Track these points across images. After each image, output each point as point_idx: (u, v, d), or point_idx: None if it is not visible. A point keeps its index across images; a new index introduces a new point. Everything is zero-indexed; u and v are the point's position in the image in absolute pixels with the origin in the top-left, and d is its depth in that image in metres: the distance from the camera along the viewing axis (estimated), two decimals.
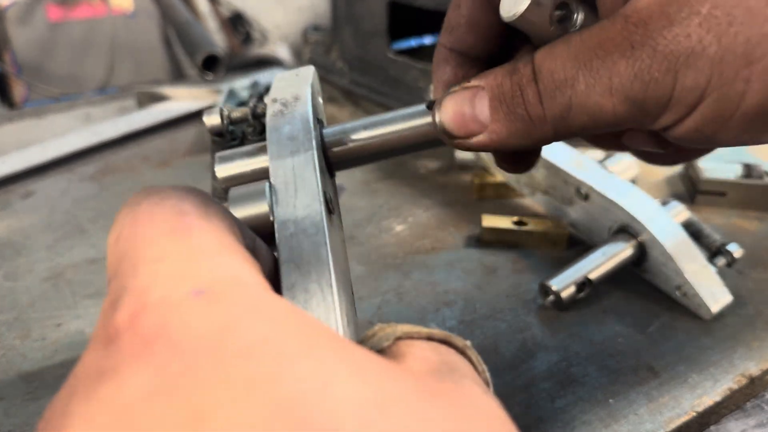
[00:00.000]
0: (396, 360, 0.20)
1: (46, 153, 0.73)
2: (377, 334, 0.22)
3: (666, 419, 0.42)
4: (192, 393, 0.15)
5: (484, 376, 0.23)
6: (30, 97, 1.34)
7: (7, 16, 1.32)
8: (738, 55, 0.20)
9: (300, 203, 0.26)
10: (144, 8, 1.37)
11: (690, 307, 0.51)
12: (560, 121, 0.24)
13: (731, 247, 0.53)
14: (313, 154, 0.28)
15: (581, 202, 0.56)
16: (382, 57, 0.76)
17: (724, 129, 0.22)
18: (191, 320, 0.16)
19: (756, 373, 0.46)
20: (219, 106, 0.35)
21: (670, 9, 0.21)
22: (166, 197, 0.20)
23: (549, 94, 0.24)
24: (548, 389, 0.44)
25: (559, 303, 0.50)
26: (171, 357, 0.15)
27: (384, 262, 0.49)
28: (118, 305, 0.17)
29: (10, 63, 1.34)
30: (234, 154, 0.33)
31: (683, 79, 0.21)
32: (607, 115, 0.23)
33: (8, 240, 0.61)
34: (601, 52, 0.22)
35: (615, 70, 0.22)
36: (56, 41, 1.37)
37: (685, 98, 0.22)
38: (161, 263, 0.18)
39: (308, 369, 0.15)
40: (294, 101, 0.32)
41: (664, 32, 0.21)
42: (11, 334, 0.50)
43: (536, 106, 0.24)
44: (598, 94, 0.23)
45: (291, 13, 1.42)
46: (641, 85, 0.22)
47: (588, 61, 0.23)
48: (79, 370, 0.17)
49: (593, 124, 0.24)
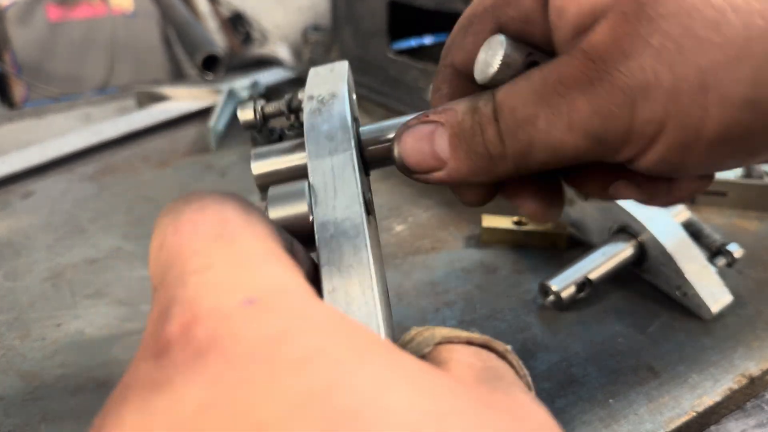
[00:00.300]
0: (441, 367, 0.20)
1: (46, 153, 0.73)
2: (415, 339, 0.22)
3: (666, 419, 0.42)
4: (249, 406, 0.14)
5: (525, 380, 0.22)
6: (30, 97, 1.34)
7: (7, 16, 1.32)
8: (692, 83, 0.20)
9: (339, 204, 0.26)
10: (144, 8, 1.37)
11: (690, 307, 0.51)
12: (521, 158, 0.24)
13: (731, 247, 0.52)
14: (352, 154, 0.28)
15: (581, 202, 0.56)
16: (382, 57, 0.76)
17: (689, 157, 0.22)
18: (244, 331, 0.16)
19: (756, 373, 0.45)
20: (254, 100, 0.35)
21: (624, 43, 0.21)
22: (207, 204, 0.20)
23: (510, 133, 0.24)
24: (548, 389, 0.44)
25: (559, 303, 0.50)
26: (225, 368, 0.15)
27: (384, 262, 0.49)
28: (168, 316, 0.17)
29: (9, 63, 1.34)
30: (270, 151, 0.32)
31: (640, 111, 0.21)
32: (568, 151, 0.23)
33: (8, 240, 0.61)
34: (561, 88, 0.22)
35: (574, 107, 0.22)
36: (56, 41, 1.37)
37: (644, 130, 0.22)
38: (209, 272, 0.17)
39: (364, 380, 0.15)
40: (331, 98, 0.31)
41: (620, 66, 0.21)
42: (11, 334, 0.50)
43: (497, 145, 0.24)
44: (559, 130, 0.23)
45: (291, 13, 1.42)
46: (600, 120, 0.22)
47: (549, 98, 0.23)
48: (131, 379, 0.16)
49: (555, 160, 0.24)
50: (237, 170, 0.72)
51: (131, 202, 0.66)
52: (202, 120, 0.83)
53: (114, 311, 0.52)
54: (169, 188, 0.69)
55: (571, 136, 0.23)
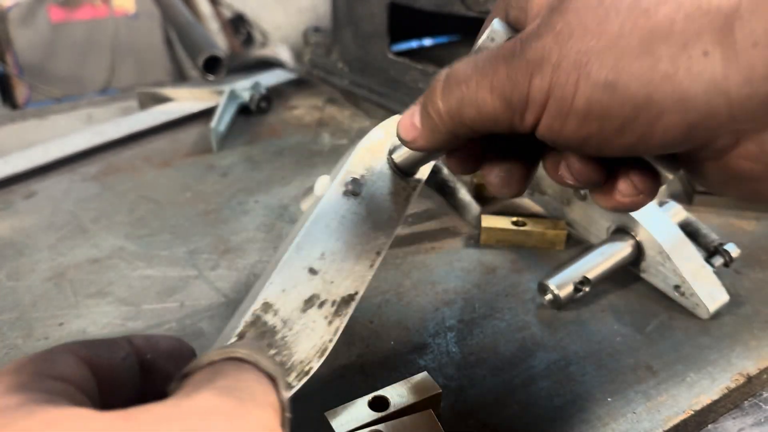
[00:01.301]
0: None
1: (49, 153, 0.74)
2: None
3: (664, 418, 0.42)
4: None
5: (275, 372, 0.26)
6: (32, 98, 1.34)
7: (9, 17, 1.32)
8: (570, 62, 0.25)
9: None
10: (146, 9, 1.37)
11: (687, 307, 0.51)
12: (455, 113, 0.29)
13: (729, 247, 0.53)
14: None
15: (580, 203, 0.56)
16: (382, 58, 0.76)
17: (565, 126, 0.26)
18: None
19: (753, 372, 0.46)
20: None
21: (540, 28, 0.26)
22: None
23: (448, 90, 0.29)
24: (547, 388, 0.44)
25: (558, 302, 0.50)
26: None
27: (384, 262, 0.50)
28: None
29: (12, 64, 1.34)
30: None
31: (535, 81, 0.26)
32: (488, 109, 0.28)
33: (10, 240, 0.61)
34: (493, 59, 0.28)
35: (497, 73, 0.27)
36: (58, 42, 1.37)
37: (536, 97, 0.26)
38: None
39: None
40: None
41: (532, 44, 0.26)
42: (13, 334, 0.50)
43: (437, 103, 0.30)
44: (483, 89, 0.28)
45: (292, 15, 1.42)
46: (510, 85, 0.27)
47: (483, 66, 0.28)
48: None
49: (480, 118, 0.28)
50: (238, 170, 0.73)
51: (133, 202, 0.67)
52: (203, 121, 0.83)
53: (116, 310, 0.52)
54: (171, 188, 0.69)
55: (491, 96, 0.27)
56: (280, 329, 0.37)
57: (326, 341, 0.38)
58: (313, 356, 0.37)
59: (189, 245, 0.60)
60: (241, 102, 0.85)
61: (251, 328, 0.36)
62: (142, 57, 1.41)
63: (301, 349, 0.37)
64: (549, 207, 0.60)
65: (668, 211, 0.55)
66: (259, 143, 0.79)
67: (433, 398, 0.39)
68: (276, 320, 0.37)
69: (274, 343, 0.36)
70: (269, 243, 0.60)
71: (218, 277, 0.55)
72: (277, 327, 0.37)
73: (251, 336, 0.36)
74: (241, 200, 0.67)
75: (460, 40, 1.04)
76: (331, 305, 0.39)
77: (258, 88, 0.86)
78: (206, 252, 0.59)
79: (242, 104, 0.85)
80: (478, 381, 0.45)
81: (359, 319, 0.51)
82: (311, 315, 0.38)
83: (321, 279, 0.39)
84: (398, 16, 0.76)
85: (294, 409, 0.39)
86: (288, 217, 0.64)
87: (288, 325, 0.37)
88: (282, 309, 0.37)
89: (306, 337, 0.37)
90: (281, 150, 0.77)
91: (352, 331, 0.49)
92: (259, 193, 0.68)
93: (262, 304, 0.37)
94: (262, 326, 0.37)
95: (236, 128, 0.82)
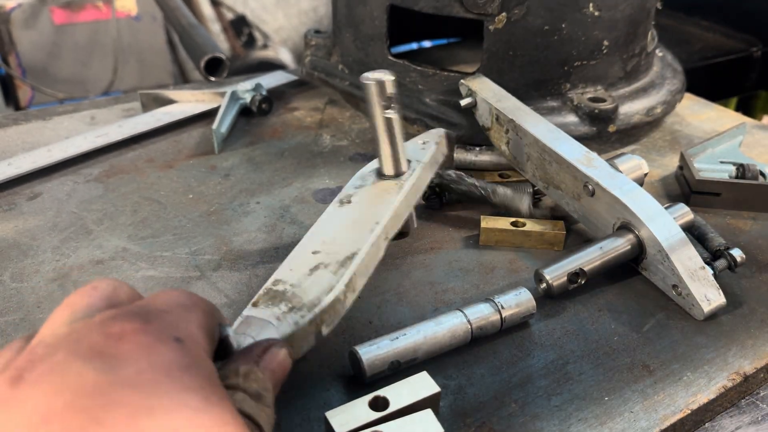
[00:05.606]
0: None
1: (52, 155, 0.74)
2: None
3: (661, 417, 0.43)
4: None
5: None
6: (35, 99, 1.35)
7: (12, 19, 1.33)
8: None
9: None
10: (148, 11, 1.38)
11: (684, 307, 0.51)
12: None
13: (735, 252, 0.54)
14: None
15: (588, 198, 0.57)
16: (382, 60, 0.77)
17: None
18: None
19: (750, 371, 0.46)
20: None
21: None
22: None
23: None
24: (544, 387, 0.45)
25: (550, 291, 0.51)
26: None
27: (384, 262, 0.50)
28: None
29: (15, 66, 1.35)
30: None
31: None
32: None
33: (14, 241, 0.62)
34: None
35: None
36: (61, 44, 1.38)
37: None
38: None
39: None
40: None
41: None
42: (18, 335, 0.50)
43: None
44: None
45: (292, 17, 1.43)
46: None
47: None
48: None
49: None
50: (240, 172, 0.73)
51: (136, 203, 0.67)
52: (205, 122, 0.84)
53: None
54: (174, 190, 0.70)
55: None
56: (290, 290, 0.43)
57: (333, 283, 0.43)
58: (321, 294, 0.42)
59: (191, 246, 0.60)
60: (242, 103, 0.85)
61: (264, 297, 0.42)
62: (145, 59, 1.42)
63: (310, 293, 0.42)
64: (562, 201, 0.60)
65: (675, 213, 0.55)
66: (261, 144, 0.79)
67: (432, 398, 0.40)
68: (286, 286, 0.43)
69: (285, 299, 0.42)
70: (271, 244, 0.61)
71: (220, 278, 0.56)
72: (287, 290, 0.43)
73: (264, 302, 0.42)
74: (243, 201, 0.67)
75: (459, 41, 1.05)
76: (335, 264, 0.45)
77: (259, 90, 0.86)
78: (208, 253, 0.59)
79: (244, 106, 0.86)
80: (477, 380, 0.45)
81: (359, 319, 0.51)
82: (317, 274, 0.44)
83: (324, 254, 0.46)
84: (398, 18, 0.77)
85: (294, 408, 0.40)
86: (289, 218, 0.65)
87: (297, 286, 0.43)
88: (291, 279, 0.44)
89: (314, 285, 0.43)
90: (282, 151, 0.78)
91: (352, 331, 0.50)
92: (260, 194, 0.69)
93: (273, 280, 0.44)
94: (274, 294, 0.42)
95: (238, 130, 0.83)
